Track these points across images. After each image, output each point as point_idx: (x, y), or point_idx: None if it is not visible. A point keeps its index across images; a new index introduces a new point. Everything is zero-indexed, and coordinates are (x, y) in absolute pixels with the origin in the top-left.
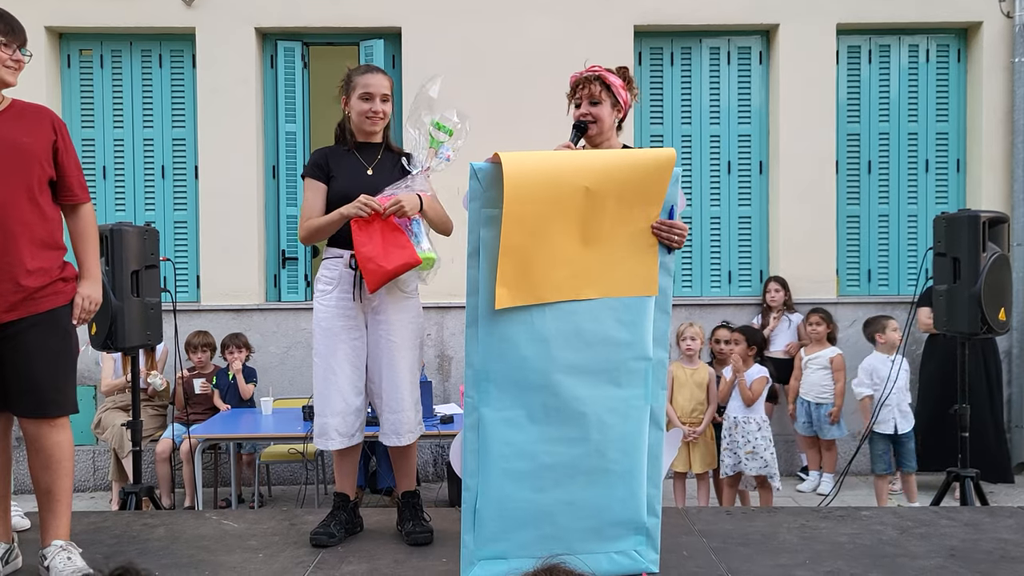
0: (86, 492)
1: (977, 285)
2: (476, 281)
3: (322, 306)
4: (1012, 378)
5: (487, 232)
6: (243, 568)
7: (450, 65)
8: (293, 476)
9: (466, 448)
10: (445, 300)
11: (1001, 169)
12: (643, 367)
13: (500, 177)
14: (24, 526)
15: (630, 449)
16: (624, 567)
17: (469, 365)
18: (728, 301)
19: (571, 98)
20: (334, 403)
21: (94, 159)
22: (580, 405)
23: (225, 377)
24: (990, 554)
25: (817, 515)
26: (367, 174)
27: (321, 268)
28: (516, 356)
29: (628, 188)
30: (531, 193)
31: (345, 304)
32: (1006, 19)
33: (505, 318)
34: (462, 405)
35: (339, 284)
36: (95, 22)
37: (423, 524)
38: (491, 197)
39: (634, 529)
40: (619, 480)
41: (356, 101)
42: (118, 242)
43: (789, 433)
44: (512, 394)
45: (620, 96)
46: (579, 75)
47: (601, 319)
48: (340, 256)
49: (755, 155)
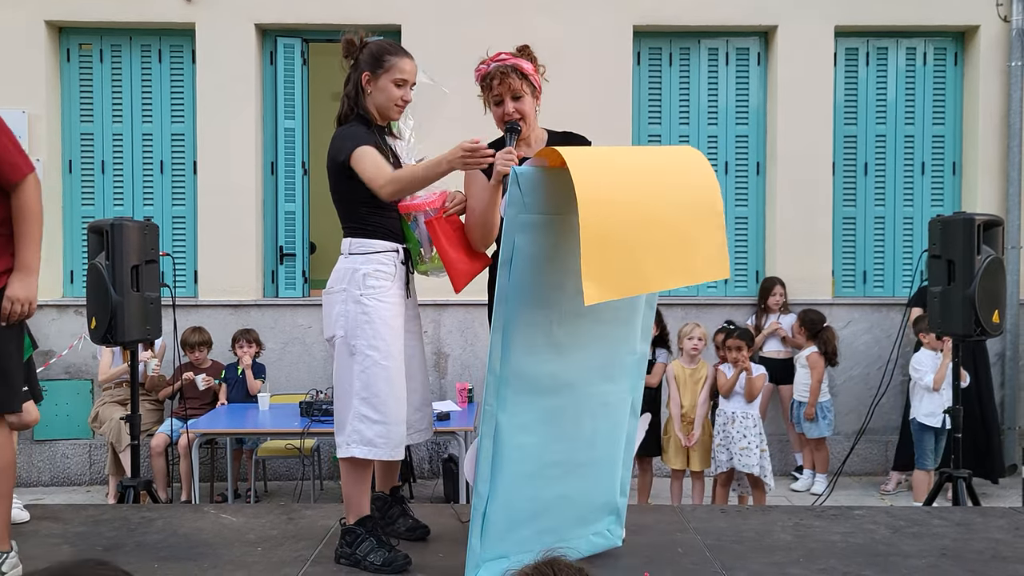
0: (82, 486)
1: (971, 287)
2: (506, 289)
3: (385, 304)
4: (1005, 380)
5: (523, 238)
6: (242, 561)
7: (449, 63)
8: (289, 472)
9: (481, 456)
10: (442, 298)
11: (997, 172)
12: (631, 360)
13: (543, 180)
14: (23, 518)
15: (614, 439)
16: (599, 546)
17: (491, 371)
18: (725, 301)
19: (487, 94)
20: (401, 408)
21: (93, 154)
22: (581, 403)
23: (234, 371)
24: (981, 554)
25: (811, 514)
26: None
27: (370, 263)
28: (534, 362)
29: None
30: (599, 180)
31: (401, 301)
32: (1003, 23)
33: (530, 326)
34: (459, 402)
35: (396, 279)
36: (95, 17)
37: (417, 520)
38: (531, 202)
39: (609, 511)
40: (603, 469)
41: (388, 84)
42: (118, 237)
43: (783, 433)
44: (527, 400)
45: (536, 82)
46: (488, 66)
47: (603, 317)
48: (395, 250)
49: (752, 156)
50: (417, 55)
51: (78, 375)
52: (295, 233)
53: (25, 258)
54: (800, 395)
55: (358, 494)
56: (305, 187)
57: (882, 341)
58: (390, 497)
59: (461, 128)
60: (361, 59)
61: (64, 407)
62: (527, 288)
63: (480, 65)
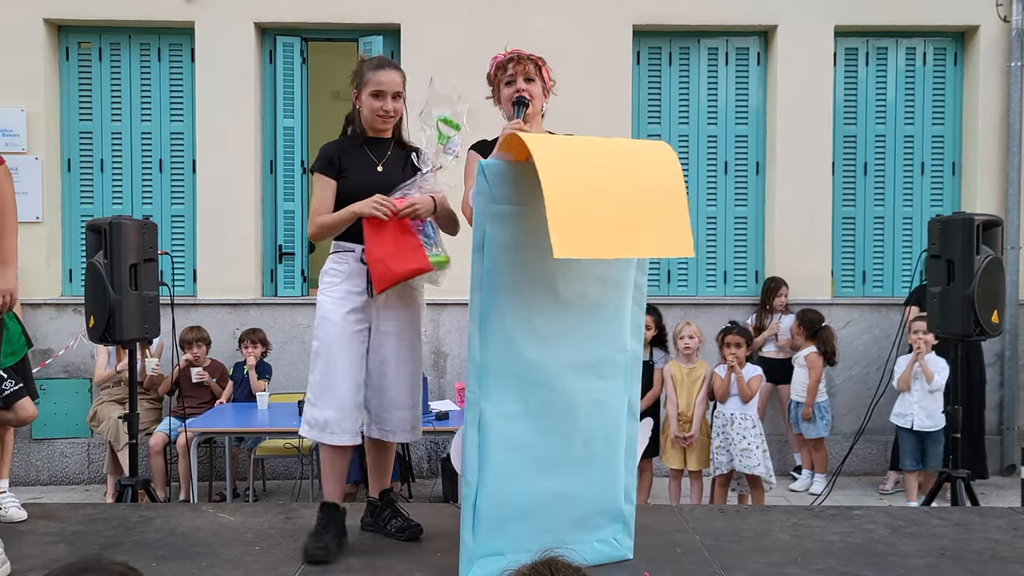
0: (80, 485)
1: (971, 287)
2: (480, 277)
3: (329, 298)
4: (1004, 380)
5: (492, 228)
6: (240, 561)
7: (449, 63)
8: (288, 471)
9: (467, 444)
10: (441, 297)
11: (996, 172)
12: (623, 359)
13: (508, 173)
14: (21, 517)
15: (611, 439)
16: (605, 555)
17: (471, 360)
18: (724, 301)
19: (500, 77)
20: (336, 396)
21: (92, 152)
22: (571, 398)
23: (240, 370)
24: (980, 554)
25: (809, 514)
26: (377, 170)
27: (329, 261)
28: (516, 353)
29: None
30: (560, 152)
31: (354, 297)
32: (1003, 23)
33: (507, 315)
34: (458, 402)
35: (349, 277)
36: (94, 15)
37: (408, 520)
38: (498, 194)
39: (613, 517)
40: (601, 470)
41: (367, 98)
42: (117, 235)
43: (782, 433)
44: (511, 390)
45: (547, 79)
46: (505, 56)
47: (589, 315)
48: (351, 250)
49: (752, 156)
50: (416, 55)
51: (77, 374)
52: (294, 232)
53: (1, 250)
54: (798, 395)
55: (324, 478)
56: (304, 186)
57: (881, 341)
58: (380, 501)
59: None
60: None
61: (62, 406)
62: (503, 277)
63: (496, 55)
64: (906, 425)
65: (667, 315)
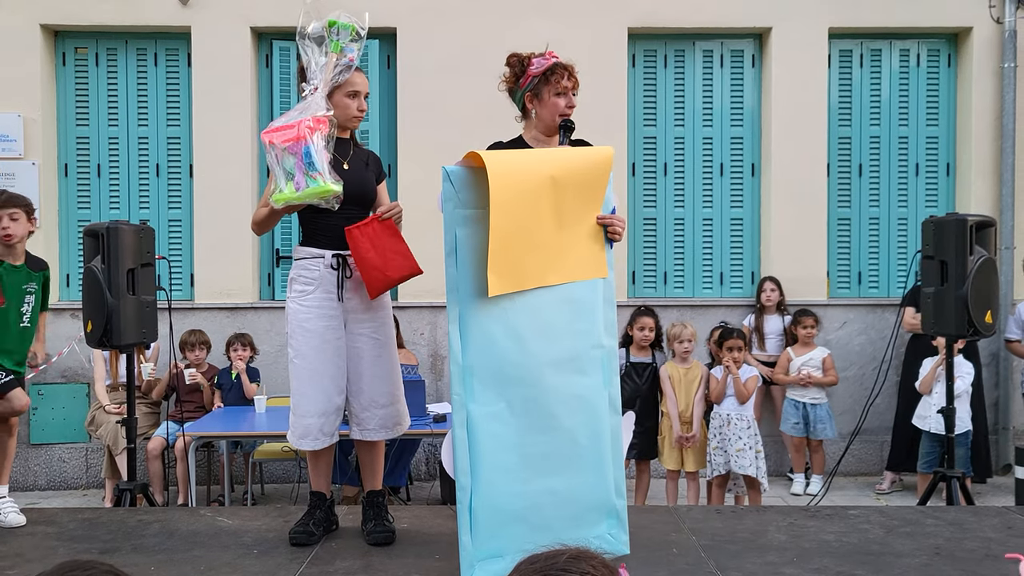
0: (79, 489)
1: (964, 288)
2: (455, 279)
3: (302, 307)
4: (999, 381)
5: (463, 231)
6: (238, 564)
7: (445, 66)
8: (286, 474)
9: (457, 446)
10: (439, 300)
11: (990, 173)
12: (599, 354)
13: (472, 178)
14: (20, 522)
15: (596, 434)
16: (602, 552)
17: (454, 362)
18: (720, 302)
19: (549, 80)
20: (319, 403)
21: (89, 157)
22: (553, 394)
23: (228, 376)
24: (974, 552)
25: (805, 514)
26: (344, 167)
27: (296, 268)
28: (495, 351)
29: (582, 179)
30: (512, 183)
31: (327, 305)
32: (996, 25)
33: (483, 314)
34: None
35: (320, 285)
36: (91, 20)
37: (385, 524)
38: (464, 198)
39: (606, 512)
40: (590, 465)
41: (342, 98)
42: (114, 240)
43: (779, 434)
44: (494, 389)
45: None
46: (549, 60)
47: (563, 310)
48: (321, 256)
49: (747, 157)
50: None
51: (74, 379)
52: (291, 236)
53: None
54: (811, 397)
55: (310, 472)
56: None
57: (876, 342)
58: (364, 502)
59: (461, 128)
60: None
61: (60, 411)
62: (477, 279)
63: (537, 58)
64: (927, 428)
65: (663, 316)
